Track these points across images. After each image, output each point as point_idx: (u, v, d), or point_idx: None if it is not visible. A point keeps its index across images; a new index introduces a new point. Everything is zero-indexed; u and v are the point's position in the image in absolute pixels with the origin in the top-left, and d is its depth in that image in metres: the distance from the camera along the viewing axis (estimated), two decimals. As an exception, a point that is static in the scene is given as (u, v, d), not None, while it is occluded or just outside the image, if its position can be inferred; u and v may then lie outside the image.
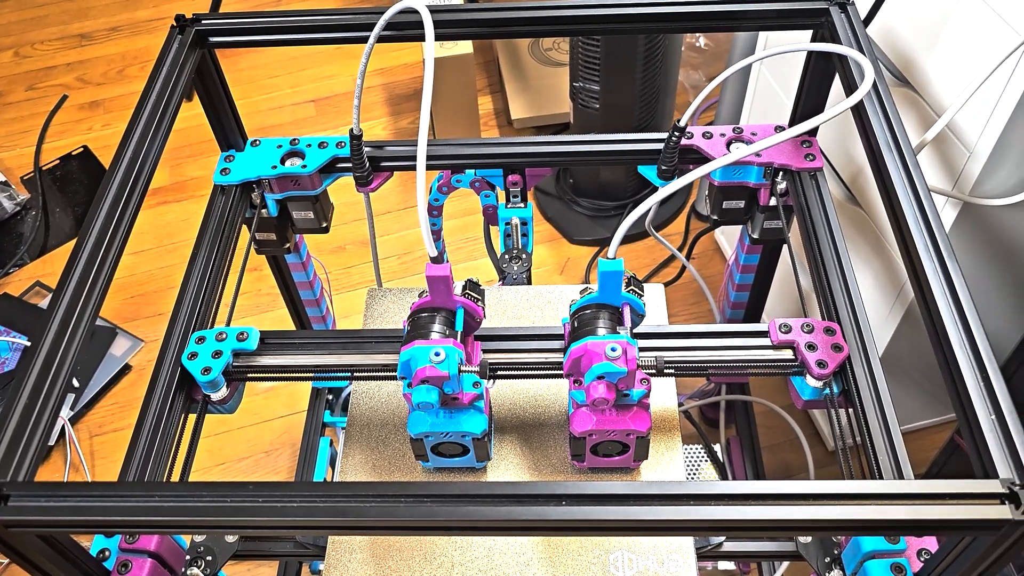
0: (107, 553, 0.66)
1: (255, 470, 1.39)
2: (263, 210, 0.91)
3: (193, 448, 0.72)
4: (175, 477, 0.69)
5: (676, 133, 0.83)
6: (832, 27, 0.79)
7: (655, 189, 1.17)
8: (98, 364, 1.52)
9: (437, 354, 0.66)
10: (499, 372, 0.74)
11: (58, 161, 1.89)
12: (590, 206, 1.64)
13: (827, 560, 0.71)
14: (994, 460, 0.51)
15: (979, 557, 0.50)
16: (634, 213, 0.65)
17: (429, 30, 0.73)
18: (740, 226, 0.96)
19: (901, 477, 0.62)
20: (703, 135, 0.86)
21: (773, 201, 0.88)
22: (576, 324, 0.69)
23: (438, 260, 0.67)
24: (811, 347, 0.71)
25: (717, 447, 1.25)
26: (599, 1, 0.82)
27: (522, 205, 0.97)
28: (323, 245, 1.63)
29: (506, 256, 1.01)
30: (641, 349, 0.72)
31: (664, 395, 0.82)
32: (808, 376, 0.72)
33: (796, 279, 0.83)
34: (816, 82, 0.84)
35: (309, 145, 0.89)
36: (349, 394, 1.24)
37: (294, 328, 1.15)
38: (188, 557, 0.72)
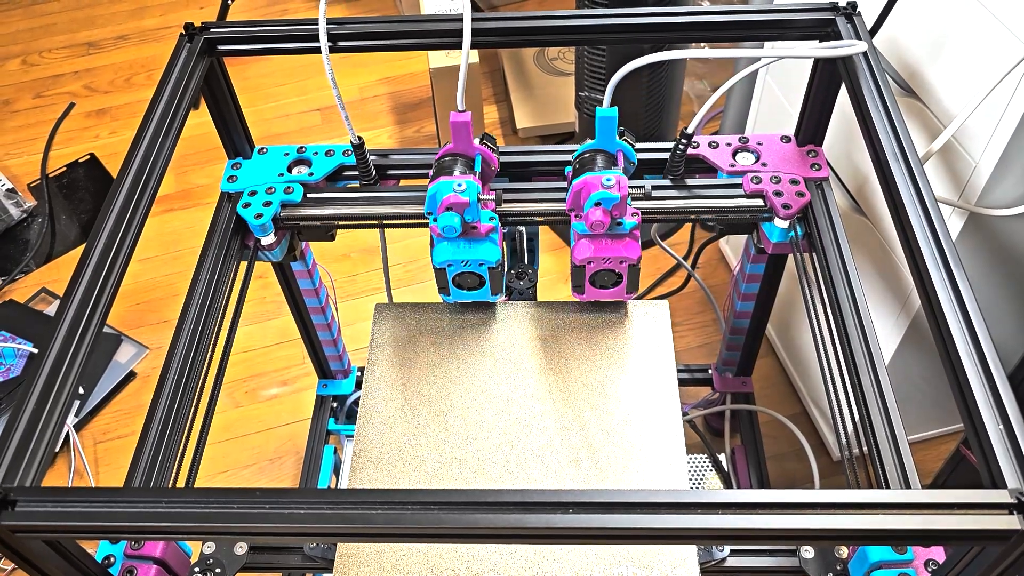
0: (112, 559, 0.66)
1: (259, 477, 1.39)
2: (270, 217, 0.91)
3: (199, 454, 0.72)
4: (180, 483, 0.69)
5: (683, 141, 0.83)
6: (838, 37, 0.79)
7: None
8: (103, 371, 1.52)
9: (459, 184, 0.77)
10: (511, 219, 0.86)
11: (65, 168, 1.90)
12: (595, 215, 1.65)
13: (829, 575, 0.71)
14: (1002, 470, 0.51)
15: (988, 568, 0.50)
16: (646, 58, 0.75)
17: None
18: (745, 236, 0.97)
19: (908, 486, 0.62)
20: (709, 144, 0.87)
21: (779, 210, 0.88)
22: (577, 166, 0.81)
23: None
24: (778, 194, 0.83)
25: (722, 456, 1.24)
26: (605, 11, 0.82)
27: None
28: (328, 253, 1.63)
29: (512, 272, 1.01)
30: (632, 186, 0.83)
31: (669, 403, 0.82)
32: (776, 219, 0.83)
33: (802, 288, 0.83)
34: (822, 91, 0.84)
35: (316, 153, 0.90)
36: (353, 402, 1.24)
37: (299, 337, 1.16)
38: (197, 569, 0.72)
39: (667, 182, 0.87)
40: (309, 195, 0.87)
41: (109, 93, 2.06)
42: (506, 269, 1.02)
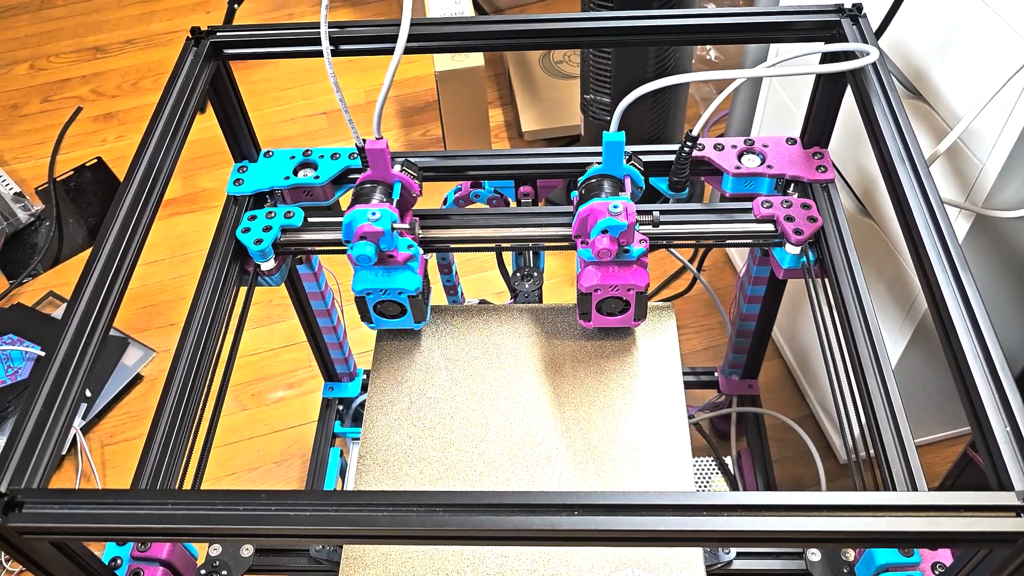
0: (119, 561, 0.66)
1: (265, 480, 1.40)
2: (276, 220, 0.92)
3: (205, 457, 0.72)
4: (187, 485, 0.69)
5: (688, 143, 0.83)
6: (844, 39, 0.79)
7: (666, 199, 1.17)
8: (110, 374, 1.53)
9: (373, 214, 0.77)
10: (516, 243, 0.87)
11: (72, 172, 1.91)
12: (600, 218, 1.64)
13: (836, 577, 0.71)
14: (1009, 472, 0.51)
15: (995, 570, 0.49)
16: (652, 84, 0.75)
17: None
18: (751, 238, 0.96)
19: (915, 489, 0.62)
20: (714, 147, 0.87)
21: (785, 213, 0.88)
22: (584, 191, 0.79)
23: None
24: (789, 219, 0.82)
25: (728, 459, 1.24)
26: (609, 14, 0.82)
27: None
28: (334, 256, 1.63)
29: (518, 274, 1.01)
30: (640, 212, 0.83)
31: (675, 406, 0.82)
32: (787, 244, 0.81)
33: (808, 291, 0.83)
34: (827, 94, 0.84)
35: (322, 156, 0.90)
36: (359, 404, 1.25)
37: (306, 340, 1.16)
38: (203, 571, 0.72)
39: (676, 207, 0.86)
40: (310, 219, 0.87)
41: (116, 97, 2.07)
42: (512, 271, 1.03)
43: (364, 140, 0.86)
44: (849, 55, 0.78)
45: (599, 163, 0.81)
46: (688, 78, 0.77)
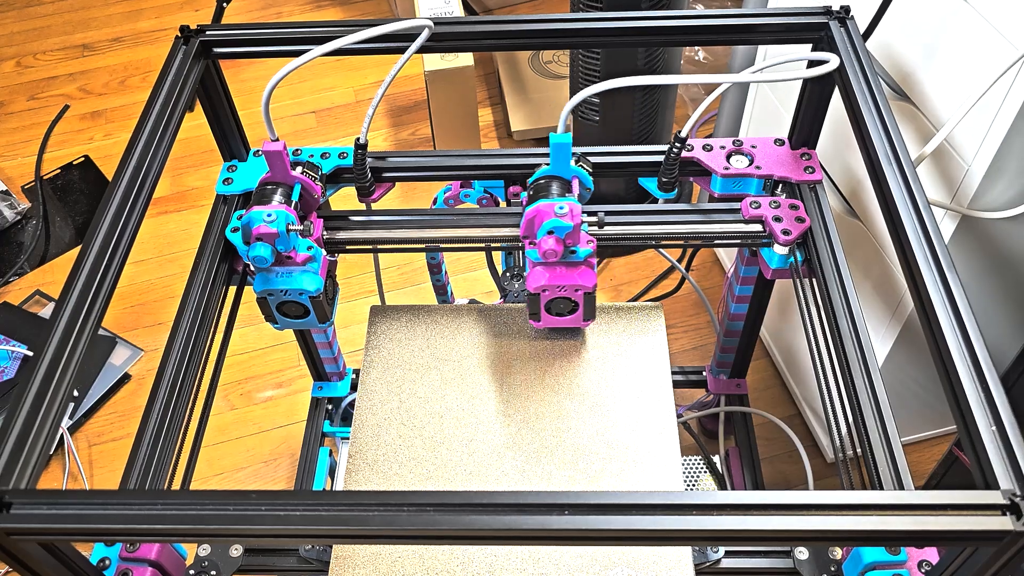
0: (107, 562, 0.66)
1: (254, 480, 1.39)
2: (265, 220, 0.91)
3: (194, 457, 0.72)
4: (175, 485, 0.69)
5: (677, 144, 0.84)
6: (831, 41, 0.80)
7: (655, 200, 1.18)
8: (97, 373, 1.52)
9: (269, 215, 0.77)
10: (467, 243, 0.86)
11: (59, 171, 1.90)
12: (590, 218, 1.65)
13: (823, 576, 0.72)
14: (995, 471, 0.51)
15: (980, 568, 0.50)
16: (613, 82, 0.73)
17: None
18: (740, 238, 0.97)
19: (901, 488, 0.63)
20: (703, 147, 0.87)
21: (773, 213, 0.88)
22: (532, 192, 0.80)
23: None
24: (777, 219, 0.82)
25: (716, 458, 1.25)
26: (599, 15, 0.82)
27: None
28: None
29: (507, 274, 1.01)
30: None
31: (664, 405, 0.83)
32: (775, 245, 0.82)
33: (796, 291, 0.84)
34: (815, 95, 0.84)
35: (311, 156, 0.90)
36: (349, 404, 1.24)
37: (295, 339, 1.16)
38: (192, 571, 0.72)
39: (665, 207, 0.86)
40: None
41: (104, 95, 2.06)
42: (501, 271, 1.03)
43: (365, 139, 0.86)
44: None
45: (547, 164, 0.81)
46: (673, 79, 0.78)
